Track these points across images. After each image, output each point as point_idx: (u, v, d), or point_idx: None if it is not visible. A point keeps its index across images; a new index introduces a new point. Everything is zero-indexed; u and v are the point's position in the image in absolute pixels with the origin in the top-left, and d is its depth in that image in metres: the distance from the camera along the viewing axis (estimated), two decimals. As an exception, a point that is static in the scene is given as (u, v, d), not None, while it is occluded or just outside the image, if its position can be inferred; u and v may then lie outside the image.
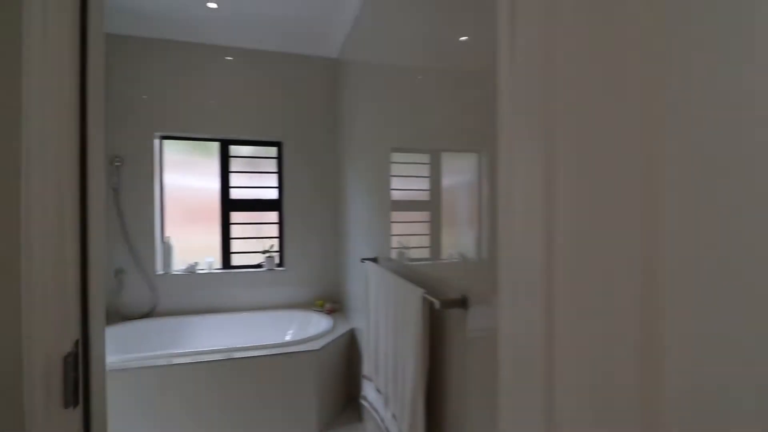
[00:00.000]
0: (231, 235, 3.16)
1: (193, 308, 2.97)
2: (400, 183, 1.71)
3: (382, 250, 1.94)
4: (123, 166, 2.87)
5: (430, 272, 1.30)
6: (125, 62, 2.87)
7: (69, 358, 0.47)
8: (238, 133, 3.09)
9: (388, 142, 1.87)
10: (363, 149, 2.34)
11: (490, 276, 0.92)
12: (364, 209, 2.32)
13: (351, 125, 2.70)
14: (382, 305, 1.56)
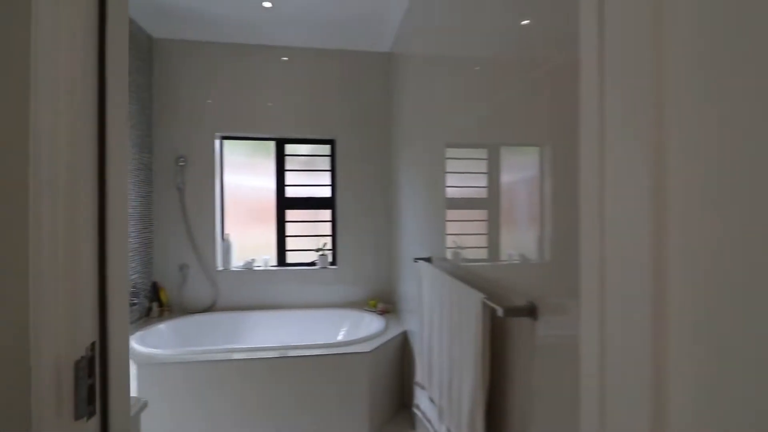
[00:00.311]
0: (286, 232, 3.20)
1: (249, 304, 3.04)
2: (455, 180, 1.60)
3: (436, 250, 1.83)
4: (187, 166, 3.00)
5: (489, 274, 1.17)
6: (187, 66, 2.99)
7: (82, 363, 0.43)
8: (293, 131, 3.11)
9: (442, 138, 1.76)
10: (416, 145, 2.24)
11: (562, 279, 0.78)
12: (417, 207, 2.22)
13: (404, 120, 2.61)
14: (437, 308, 1.45)
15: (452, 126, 1.61)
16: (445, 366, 1.30)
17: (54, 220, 0.42)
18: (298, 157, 3.25)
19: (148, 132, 2.90)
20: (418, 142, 2.21)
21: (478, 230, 1.33)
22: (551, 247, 0.83)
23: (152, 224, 2.97)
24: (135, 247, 2.71)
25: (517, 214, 1.03)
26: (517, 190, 1.05)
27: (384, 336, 2.40)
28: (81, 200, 0.47)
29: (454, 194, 1.61)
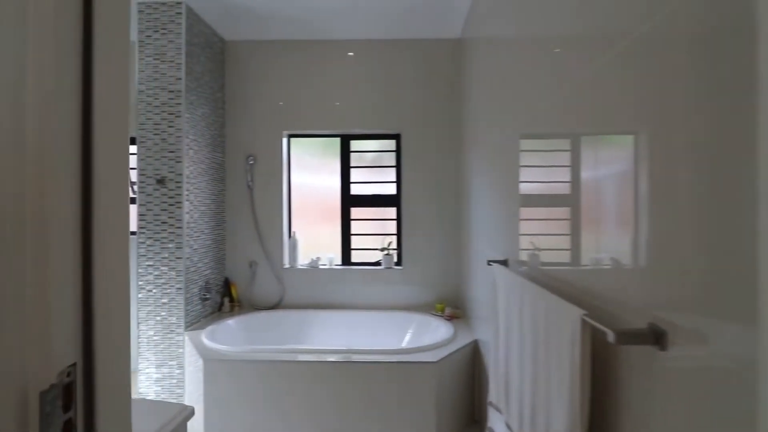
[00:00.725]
0: (351, 231, 3.13)
1: (314, 302, 3.01)
2: (531, 174, 1.40)
3: (509, 252, 1.61)
4: (256, 164, 3.04)
5: (581, 282, 0.94)
6: (256, 66, 3.04)
7: (51, 393, 0.32)
8: (358, 127, 3.03)
9: (516, 128, 1.56)
10: (487, 137, 2.02)
11: (708, 294, 0.56)
12: (489, 205, 2.00)
13: (474, 111, 2.39)
14: (515, 320, 1.24)
15: (528, 115, 1.42)
16: (527, 391, 1.09)
17: (16, 203, 0.32)
18: (363, 154, 3.16)
19: (220, 132, 2.98)
20: (490, 134, 1.99)
21: (560, 230, 1.13)
22: (685, 252, 0.60)
23: (225, 221, 3.06)
24: (208, 243, 2.79)
25: (619, 209, 0.81)
26: (610, 184, 0.83)
27: (452, 345, 2.20)
28: (57, 177, 0.36)
29: (529, 190, 1.42)
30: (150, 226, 2.50)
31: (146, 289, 2.50)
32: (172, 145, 2.49)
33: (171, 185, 2.49)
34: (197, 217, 2.65)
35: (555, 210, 1.21)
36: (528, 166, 1.45)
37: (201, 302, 2.70)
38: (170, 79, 2.48)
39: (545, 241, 1.28)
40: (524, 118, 1.46)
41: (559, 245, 1.13)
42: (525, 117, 1.45)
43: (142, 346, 2.51)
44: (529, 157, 1.45)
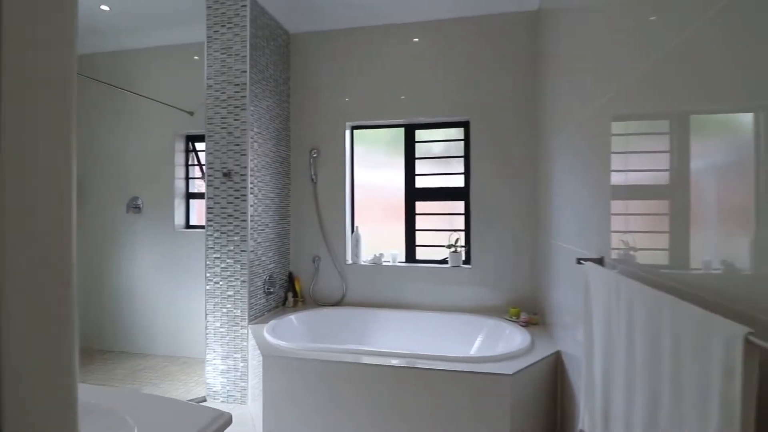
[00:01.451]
0: (415, 226, 2.95)
1: (377, 300, 2.87)
2: (625, 162, 1.17)
3: (597, 249, 1.33)
4: (319, 158, 2.98)
5: (734, 290, 0.68)
6: (319, 57, 2.98)
7: None
8: (423, 115, 2.83)
9: (606, 109, 1.30)
10: (571, 120, 1.73)
11: None
12: (573, 197, 1.71)
13: (555, 91, 2.09)
14: (620, 332, 0.98)
15: (621, 93, 1.18)
16: (640, 426, 0.83)
17: None
18: (428, 145, 2.96)
19: (285, 125, 2.96)
20: (574, 116, 1.70)
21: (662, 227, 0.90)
22: None
23: (289, 215, 3.04)
24: (272, 237, 2.78)
25: None
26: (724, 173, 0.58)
27: (530, 356, 1.93)
28: None
29: (622, 181, 1.17)
30: (217, 219, 2.53)
31: (213, 281, 2.54)
32: (238, 138, 2.49)
33: (236, 178, 2.49)
34: (261, 210, 2.64)
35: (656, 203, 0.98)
36: (622, 152, 1.20)
37: (265, 296, 2.69)
38: (236, 72, 2.48)
39: (649, 239, 1.02)
40: (616, 96, 1.23)
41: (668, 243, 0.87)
42: (617, 95, 1.22)
43: (210, 337, 2.54)
44: (622, 143, 1.20)
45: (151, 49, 3.34)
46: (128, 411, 0.85)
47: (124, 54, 3.41)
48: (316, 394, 1.96)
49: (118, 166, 3.45)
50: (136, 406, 0.87)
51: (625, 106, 1.16)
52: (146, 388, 2.75)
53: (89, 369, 3.11)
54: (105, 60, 3.46)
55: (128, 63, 3.40)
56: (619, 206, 1.22)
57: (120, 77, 3.37)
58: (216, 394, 2.54)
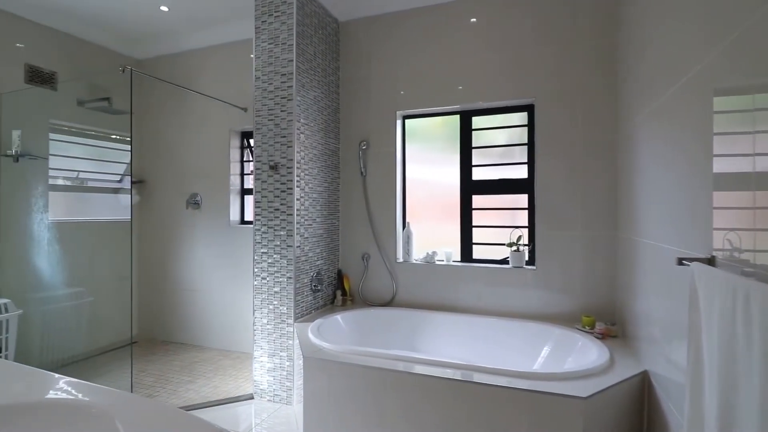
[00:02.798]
0: (472, 222, 2.69)
1: (429, 302, 2.66)
2: (730, 145, 0.88)
3: (704, 247, 1.02)
4: (368, 149, 2.84)
5: None
6: (369, 43, 2.83)
7: None
8: (481, 99, 2.58)
9: (707, 81, 0.99)
10: (658, 97, 1.40)
11: None
12: (662, 188, 1.38)
13: (638, 62, 1.75)
14: (753, 355, 0.70)
15: (726, 60, 0.87)
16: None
17: None
18: (487, 134, 2.69)
19: (334, 117, 2.86)
20: (664, 92, 1.37)
21: None
22: None
23: (338, 211, 2.93)
24: (320, 233, 2.68)
25: None
26: None
27: (608, 375, 1.61)
28: None
29: (727, 168, 0.88)
30: (264, 213, 2.48)
31: (261, 276, 2.48)
32: (284, 130, 2.42)
33: (283, 171, 2.42)
34: (308, 204, 2.55)
35: None
36: (726, 133, 0.92)
37: (312, 293, 2.59)
38: (282, 62, 2.41)
39: None
40: (721, 64, 0.93)
41: None
42: (722, 63, 0.92)
43: (257, 334, 2.49)
44: (726, 122, 0.92)
45: (207, 49, 3.42)
46: (122, 416, 0.74)
47: (184, 55, 3.52)
48: (358, 401, 1.80)
49: (179, 162, 3.57)
50: (131, 412, 0.76)
51: (731, 77, 0.88)
52: (199, 381, 2.78)
53: (151, 359, 3.23)
54: (167, 62, 3.60)
55: (187, 63, 3.51)
56: (722, 198, 0.93)
57: (180, 77, 3.48)
58: (263, 392, 2.48)
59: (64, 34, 3.15)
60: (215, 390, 2.63)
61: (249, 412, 2.36)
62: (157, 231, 3.68)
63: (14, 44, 2.85)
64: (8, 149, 2.77)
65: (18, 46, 2.89)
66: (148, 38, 3.36)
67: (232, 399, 2.49)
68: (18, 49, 2.87)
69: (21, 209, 2.82)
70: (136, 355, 3.32)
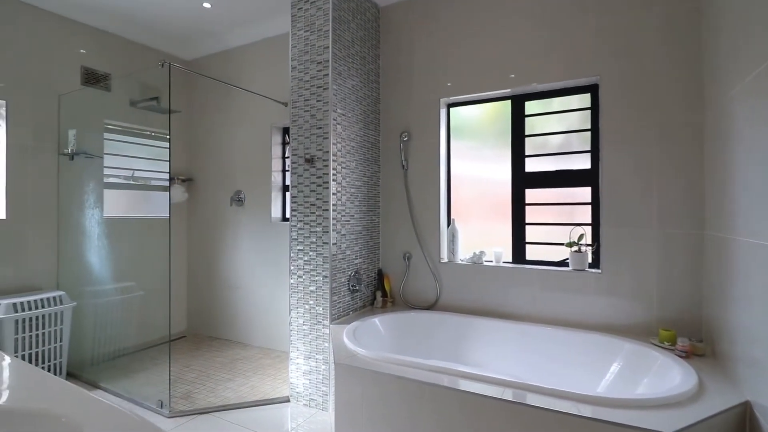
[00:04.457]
0: (525, 219, 2.42)
1: (477, 306, 2.42)
2: None
3: None
4: (410, 141, 2.66)
5: None
6: (411, 28, 2.64)
7: None
8: (536, 80, 2.30)
9: None
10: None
11: None
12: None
13: (736, 19, 1.41)
14: None
15: None
16: None
17: None
18: (541, 120, 2.41)
19: (374, 107, 2.70)
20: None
21: None
22: None
23: (378, 207, 2.77)
24: (358, 229, 2.53)
25: None
26: None
27: (698, 405, 1.31)
28: None
29: None
30: (300, 209, 2.37)
31: (297, 275, 2.38)
32: (320, 121, 2.29)
33: (319, 164, 2.30)
34: (346, 199, 2.41)
35: None
36: None
37: (350, 294, 2.45)
38: (318, 49, 2.29)
39: None
40: None
41: None
42: None
43: (293, 335, 2.40)
44: None
45: (250, 45, 3.41)
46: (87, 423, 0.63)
47: (229, 52, 3.54)
48: (393, 415, 1.62)
49: (224, 159, 3.59)
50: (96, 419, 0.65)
51: None
52: (238, 379, 2.74)
53: (195, 354, 3.26)
54: (213, 60, 3.64)
55: (232, 60, 3.52)
56: None
57: (225, 74, 3.50)
58: (299, 396, 2.38)
59: (117, 37, 3.27)
60: (252, 390, 2.57)
61: (284, 416, 2.27)
62: (204, 228, 3.74)
63: (73, 48, 2.98)
64: (65, 148, 2.90)
65: (81, 52, 3.02)
66: (195, 38, 3.40)
67: (268, 401, 2.41)
68: (75, 52, 3.00)
69: (76, 206, 2.93)
70: (183, 350, 3.37)
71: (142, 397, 2.43)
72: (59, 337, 2.70)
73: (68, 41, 2.96)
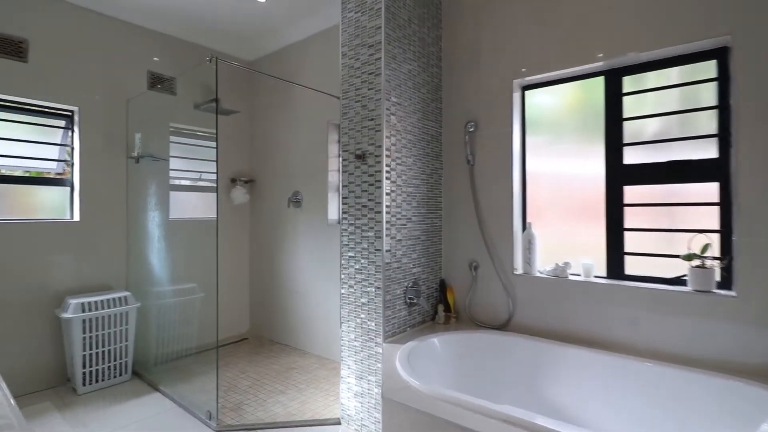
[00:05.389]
0: (623, 224, 1.94)
1: (559, 330, 2.00)
2: None
3: None
4: (476, 132, 2.29)
5: None
6: (471, 3, 2.28)
7: None
8: (636, 49, 1.82)
9: None
10: None
11: None
12: None
13: None
14: None
15: None
16: None
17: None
18: (645, 99, 1.91)
19: (434, 95, 2.38)
20: None
21: None
22: None
23: (440, 209, 2.44)
24: (416, 234, 2.23)
25: None
26: None
27: None
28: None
29: None
30: (351, 211, 2.13)
31: (348, 284, 2.15)
32: (372, 112, 2.03)
33: (370, 160, 2.04)
34: (401, 200, 2.12)
35: None
36: None
37: (407, 308, 2.16)
38: (369, 31, 2.03)
39: None
40: None
41: None
42: None
43: (344, 351, 2.16)
44: None
45: (306, 40, 3.27)
46: None
47: (287, 49, 3.43)
48: (452, 470, 1.30)
49: (282, 159, 3.50)
50: None
51: None
52: (290, 392, 2.58)
53: (254, 359, 3.18)
54: (273, 59, 3.57)
55: (290, 57, 3.41)
56: None
57: (284, 72, 3.40)
58: (350, 419, 2.14)
59: (182, 41, 3.31)
60: (302, 406, 2.38)
61: (332, 442, 2.04)
62: (265, 229, 3.69)
63: (140, 53, 3.05)
64: (132, 152, 2.96)
65: (154, 59, 3.09)
66: (253, 38, 3.35)
67: (317, 421, 2.21)
68: (142, 57, 3.06)
69: (141, 208, 2.99)
70: (242, 353, 3.32)
71: (195, 405, 2.36)
72: (125, 336, 2.75)
73: (135, 47, 3.03)
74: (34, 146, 2.68)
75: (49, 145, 2.75)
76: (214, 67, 2.31)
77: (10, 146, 2.57)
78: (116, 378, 2.72)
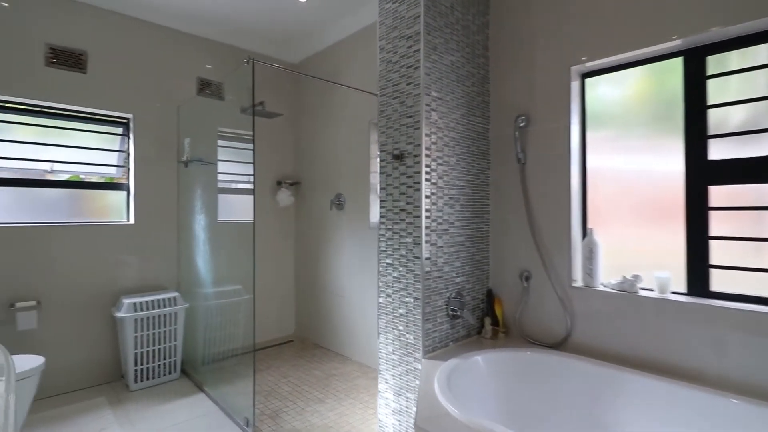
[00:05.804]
0: (708, 231, 1.63)
1: (626, 353, 1.72)
2: None
3: None
4: (528, 127, 2.06)
5: None
6: (533, -19, 2.05)
7: None
8: (721, 23, 1.51)
9: None
10: None
11: None
12: None
13: None
14: None
15: None
16: None
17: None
18: (732, 83, 1.59)
19: (481, 89, 2.18)
20: None
21: None
22: None
23: (487, 212, 2.24)
24: (460, 240, 2.05)
25: None
26: None
27: None
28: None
29: None
30: (389, 215, 2.00)
31: (386, 293, 2.02)
32: (410, 108, 1.88)
33: (409, 161, 1.89)
34: (443, 203, 1.95)
35: None
36: None
37: (449, 320, 1.99)
38: (408, 21, 1.88)
39: None
40: None
41: None
42: None
43: (382, 364, 2.04)
44: None
45: (348, 38, 3.19)
46: None
47: (330, 49, 3.38)
48: None
49: (326, 161, 3.46)
50: None
51: None
52: (329, 401, 2.50)
53: (296, 363, 3.16)
54: (317, 59, 3.53)
55: (333, 57, 3.35)
56: None
57: (328, 73, 3.35)
58: (387, 436, 2.01)
59: (229, 46, 3.36)
60: (340, 419, 2.29)
61: (368, 460, 1.92)
62: (309, 232, 3.67)
63: (190, 60, 3.13)
64: (181, 156, 3.05)
65: (207, 67, 3.17)
66: (296, 40, 3.33)
67: (353, 436, 2.10)
68: (191, 63, 3.15)
69: (191, 211, 3.07)
70: (286, 356, 3.32)
71: (235, 409, 2.35)
72: (173, 336, 2.83)
73: (185, 53, 3.12)
74: (98, 153, 2.83)
75: (109, 151, 2.89)
76: (258, 69, 2.27)
77: (78, 153, 2.73)
78: (166, 376, 2.80)
